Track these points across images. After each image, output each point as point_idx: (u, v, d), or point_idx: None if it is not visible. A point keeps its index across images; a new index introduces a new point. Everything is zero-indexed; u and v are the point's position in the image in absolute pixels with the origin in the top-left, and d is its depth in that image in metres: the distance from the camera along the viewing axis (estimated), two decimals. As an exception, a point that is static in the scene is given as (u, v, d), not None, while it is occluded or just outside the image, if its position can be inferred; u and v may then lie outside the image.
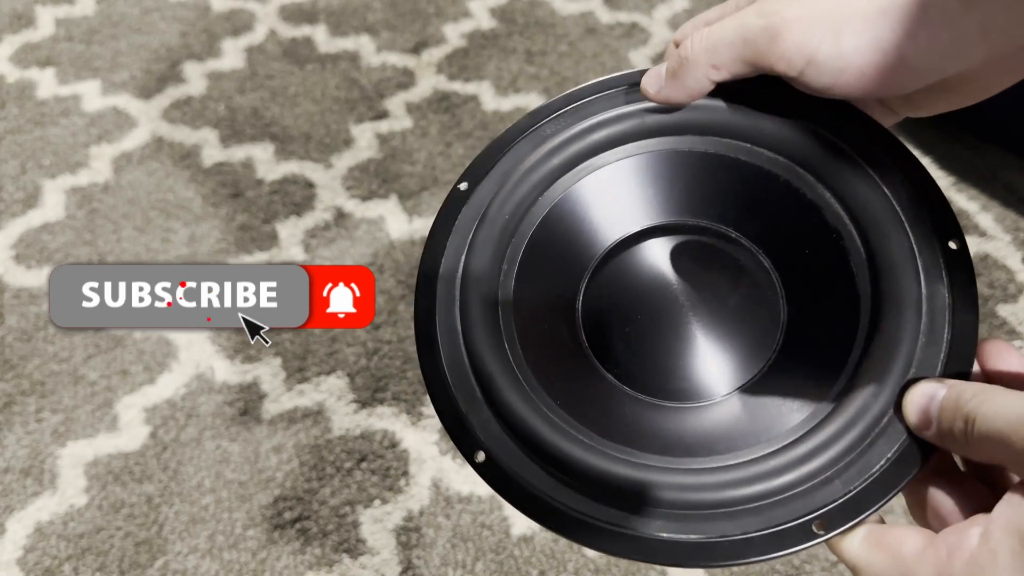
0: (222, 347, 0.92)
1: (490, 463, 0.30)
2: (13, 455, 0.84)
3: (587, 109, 0.37)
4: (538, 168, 0.35)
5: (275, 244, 1.03)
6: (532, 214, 0.35)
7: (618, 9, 1.35)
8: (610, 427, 0.32)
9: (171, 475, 0.82)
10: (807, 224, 0.33)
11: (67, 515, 0.80)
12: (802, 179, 0.34)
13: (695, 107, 0.35)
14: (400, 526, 0.78)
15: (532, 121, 0.37)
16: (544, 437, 0.30)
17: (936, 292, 0.30)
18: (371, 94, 1.22)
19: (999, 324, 0.91)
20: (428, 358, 0.32)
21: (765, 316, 0.33)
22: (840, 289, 0.32)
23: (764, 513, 0.28)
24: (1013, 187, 1.05)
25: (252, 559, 0.77)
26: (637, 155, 0.36)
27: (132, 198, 1.08)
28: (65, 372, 0.90)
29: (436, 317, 0.33)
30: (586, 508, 0.29)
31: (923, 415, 0.28)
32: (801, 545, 0.28)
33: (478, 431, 0.31)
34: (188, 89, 1.24)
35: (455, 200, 0.36)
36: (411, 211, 1.06)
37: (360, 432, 0.85)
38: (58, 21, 1.35)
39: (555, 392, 0.32)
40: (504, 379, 0.31)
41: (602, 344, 0.34)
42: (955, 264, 0.31)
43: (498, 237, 0.34)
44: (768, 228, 0.35)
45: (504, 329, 0.33)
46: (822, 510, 0.28)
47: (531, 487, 0.30)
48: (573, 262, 0.36)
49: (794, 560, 0.75)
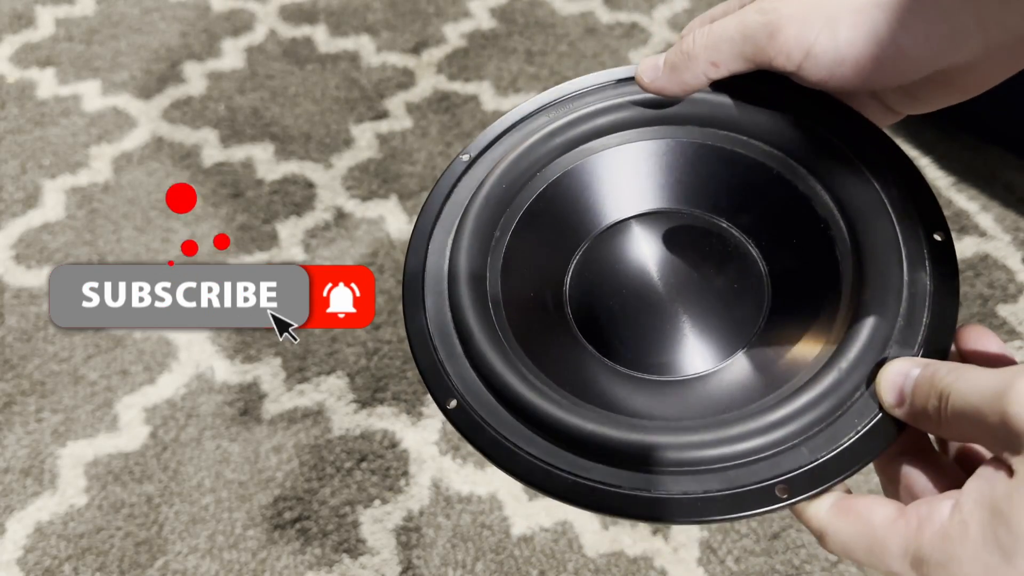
0: (222, 347, 0.92)
1: (461, 409, 0.31)
2: (13, 455, 0.84)
3: (589, 98, 0.38)
4: (540, 146, 0.36)
5: (275, 244, 1.03)
6: (529, 188, 0.36)
7: (618, 9, 1.35)
8: (584, 391, 0.32)
9: (171, 475, 0.82)
10: (796, 214, 0.34)
11: (67, 515, 0.80)
12: (794, 171, 0.35)
13: (696, 100, 0.36)
14: (400, 526, 0.78)
15: (534, 108, 0.38)
16: (515, 387, 0.31)
17: (918, 279, 0.31)
18: (371, 94, 1.22)
19: (999, 324, 0.91)
20: (413, 314, 0.33)
21: (749, 300, 0.35)
22: (825, 276, 0.33)
23: (728, 474, 0.28)
24: (1013, 187, 1.05)
25: (252, 559, 0.77)
26: (637, 142, 0.37)
27: (132, 198, 1.08)
28: (65, 372, 0.90)
29: (424, 278, 0.34)
30: (553, 459, 0.30)
31: (897, 392, 0.29)
32: (763, 508, 0.28)
33: (453, 380, 0.32)
34: (188, 89, 1.24)
35: (456, 168, 0.37)
36: (411, 211, 1.06)
37: (360, 432, 0.85)
38: (58, 21, 1.35)
39: (534, 354, 0.33)
40: (483, 335, 0.32)
41: (586, 317, 0.35)
42: (939, 254, 0.32)
43: (495, 205, 0.35)
44: (758, 218, 0.36)
45: (491, 292, 0.34)
46: (787, 475, 0.28)
47: (500, 435, 0.30)
48: (566, 237, 0.37)
49: (794, 560, 0.75)
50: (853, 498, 0.28)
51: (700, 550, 0.75)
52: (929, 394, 0.27)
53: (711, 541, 0.76)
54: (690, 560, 0.75)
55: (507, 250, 0.35)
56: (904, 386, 0.28)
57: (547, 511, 0.78)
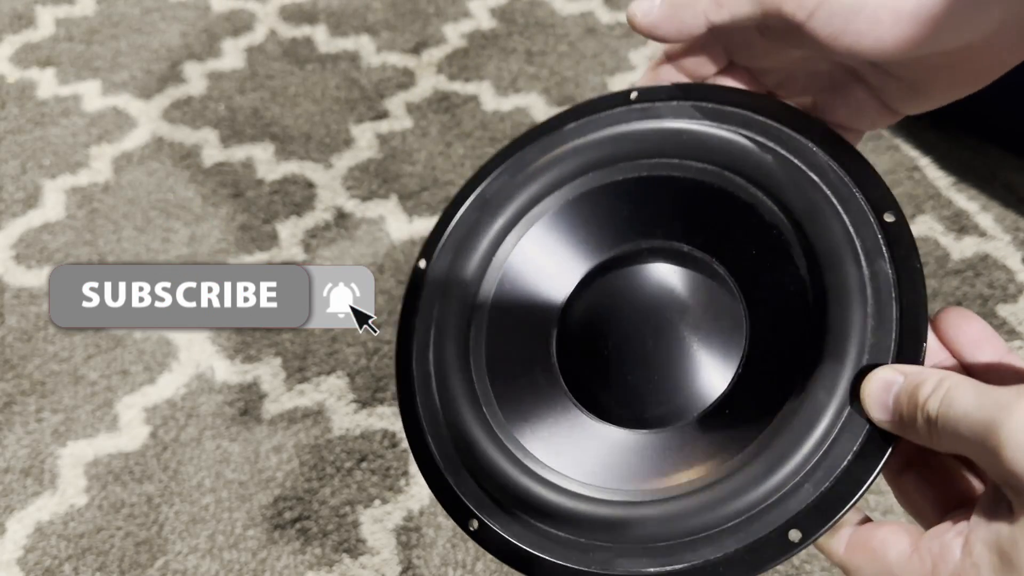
0: (222, 347, 0.92)
1: (483, 529, 0.32)
2: (13, 455, 0.84)
3: (522, 160, 0.37)
4: (484, 231, 0.36)
5: (275, 244, 1.03)
6: (488, 279, 0.36)
7: (618, 9, 1.35)
8: (594, 472, 0.33)
9: (171, 475, 0.82)
10: (748, 225, 0.33)
11: (67, 515, 0.80)
12: (732, 182, 0.34)
13: (616, 138, 0.35)
14: (400, 526, 0.78)
15: (475, 183, 0.38)
16: (534, 495, 0.31)
17: (879, 270, 0.30)
18: (371, 94, 1.22)
19: (999, 324, 0.91)
20: (416, 438, 0.35)
21: (728, 326, 0.33)
22: (790, 286, 0.32)
23: (741, 530, 0.28)
24: (1013, 187, 1.05)
25: (252, 559, 0.77)
26: (576, 195, 0.36)
27: (132, 198, 1.08)
28: (65, 372, 0.90)
29: (416, 400, 0.35)
30: (575, 559, 0.30)
31: (882, 407, 0.28)
32: (782, 556, 0.28)
33: (468, 500, 0.33)
34: (188, 89, 1.24)
35: (417, 278, 0.38)
36: (411, 211, 1.06)
37: (360, 432, 0.85)
38: (58, 21, 1.35)
39: (538, 446, 0.33)
40: (488, 445, 0.33)
41: (583, 386, 0.35)
42: (895, 238, 0.30)
43: (460, 310, 0.36)
44: (714, 236, 0.35)
45: (481, 394, 0.34)
46: (796, 516, 0.28)
47: (520, 547, 0.31)
48: (539, 316, 0.36)
49: (794, 560, 0.75)
50: (869, 531, 0.28)
51: (700, 550, 0.75)
52: (916, 413, 0.27)
53: (711, 541, 0.76)
54: (690, 560, 0.75)
55: (487, 349, 0.35)
56: (888, 399, 0.28)
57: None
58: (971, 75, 0.32)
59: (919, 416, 0.26)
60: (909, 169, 1.08)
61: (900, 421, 0.27)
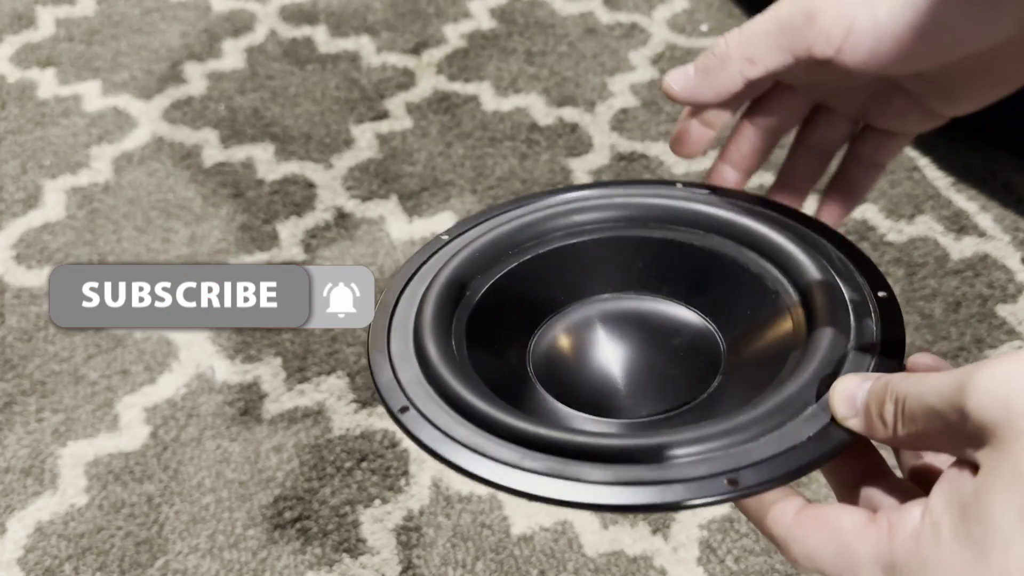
0: (222, 347, 0.92)
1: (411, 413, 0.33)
2: (14, 455, 0.84)
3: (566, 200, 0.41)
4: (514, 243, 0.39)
5: (275, 244, 1.03)
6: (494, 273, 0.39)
7: (618, 9, 1.35)
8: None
9: (171, 475, 0.82)
10: (749, 288, 0.37)
11: (67, 515, 0.80)
12: (746, 255, 0.37)
13: (656, 206, 0.39)
14: (400, 526, 0.78)
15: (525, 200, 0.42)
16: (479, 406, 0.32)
17: (864, 327, 0.32)
18: (371, 94, 1.22)
19: (998, 324, 0.91)
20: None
21: (704, 360, 0.37)
22: (776, 333, 0.35)
23: (678, 465, 0.29)
24: (1013, 187, 1.05)
25: (252, 559, 0.77)
26: (605, 238, 0.39)
27: (132, 198, 1.09)
28: (65, 372, 0.90)
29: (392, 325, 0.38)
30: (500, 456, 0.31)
31: (849, 403, 0.28)
32: (709, 497, 0.28)
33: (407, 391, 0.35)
34: (188, 89, 1.24)
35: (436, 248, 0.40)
36: (411, 211, 1.06)
37: (360, 432, 0.85)
38: (58, 21, 1.35)
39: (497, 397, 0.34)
40: (447, 372, 0.34)
41: (553, 378, 0.37)
42: (884, 306, 0.33)
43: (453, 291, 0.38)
44: (714, 297, 0.38)
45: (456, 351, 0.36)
46: (736, 470, 0.28)
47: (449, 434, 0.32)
48: (527, 314, 0.39)
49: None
50: (819, 506, 0.27)
51: (700, 550, 0.76)
52: (884, 401, 0.27)
53: (711, 540, 0.76)
54: (690, 560, 0.75)
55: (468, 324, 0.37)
56: (857, 396, 0.28)
57: (547, 511, 0.78)
58: (1005, 75, 0.34)
59: (887, 403, 0.27)
60: (909, 169, 1.09)
61: (866, 416, 0.28)
